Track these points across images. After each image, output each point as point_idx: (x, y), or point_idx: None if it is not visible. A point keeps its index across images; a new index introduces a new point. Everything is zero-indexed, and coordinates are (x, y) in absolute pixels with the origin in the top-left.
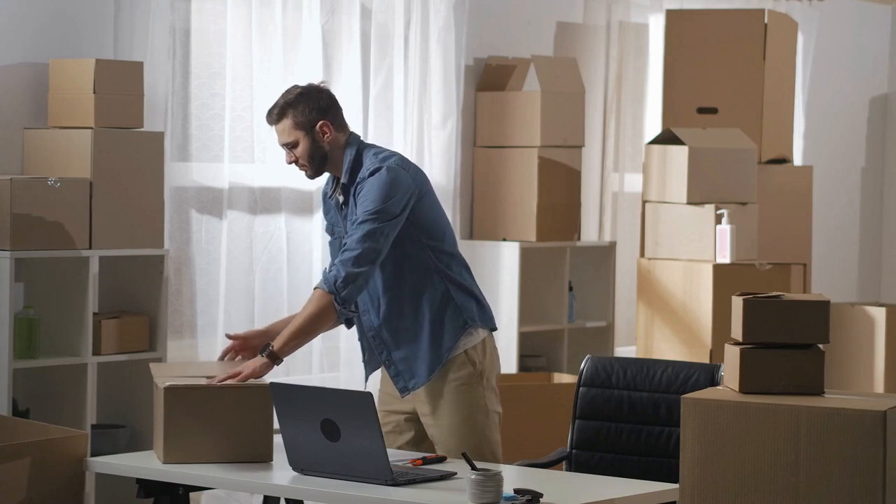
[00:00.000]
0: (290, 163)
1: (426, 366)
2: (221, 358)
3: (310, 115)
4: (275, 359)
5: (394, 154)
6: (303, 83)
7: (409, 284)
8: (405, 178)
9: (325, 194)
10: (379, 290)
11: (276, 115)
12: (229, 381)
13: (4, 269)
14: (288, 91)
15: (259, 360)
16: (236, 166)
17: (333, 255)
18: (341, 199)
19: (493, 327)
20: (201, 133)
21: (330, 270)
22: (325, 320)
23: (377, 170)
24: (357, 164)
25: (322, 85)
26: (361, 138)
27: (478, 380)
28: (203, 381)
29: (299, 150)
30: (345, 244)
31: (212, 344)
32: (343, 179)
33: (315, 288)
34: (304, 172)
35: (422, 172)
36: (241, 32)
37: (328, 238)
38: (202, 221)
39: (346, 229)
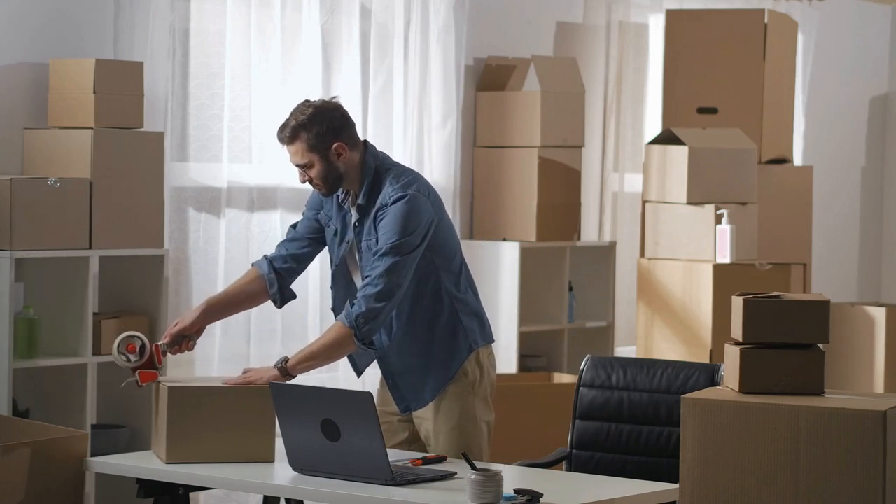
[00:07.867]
0: (303, 182)
1: (430, 389)
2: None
3: (324, 137)
4: (285, 374)
5: (414, 179)
6: (313, 99)
7: (421, 308)
8: (426, 207)
9: (336, 196)
10: (392, 314)
11: (287, 136)
12: (234, 383)
13: (4, 269)
14: (299, 110)
15: (271, 372)
16: (234, 166)
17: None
18: (355, 216)
19: (490, 341)
20: (200, 133)
21: (352, 305)
22: (341, 352)
23: (401, 198)
24: (375, 188)
25: (334, 101)
26: (373, 147)
27: (469, 389)
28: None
29: (314, 172)
30: (367, 276)
31: (209, 344)
32: (360, 200)
33: (336, 319)
34: (317, 191)
35: (436, 193)
36: (241, 33)
37: (300, 219)
38: (200, 221)
39: (358, 251)
